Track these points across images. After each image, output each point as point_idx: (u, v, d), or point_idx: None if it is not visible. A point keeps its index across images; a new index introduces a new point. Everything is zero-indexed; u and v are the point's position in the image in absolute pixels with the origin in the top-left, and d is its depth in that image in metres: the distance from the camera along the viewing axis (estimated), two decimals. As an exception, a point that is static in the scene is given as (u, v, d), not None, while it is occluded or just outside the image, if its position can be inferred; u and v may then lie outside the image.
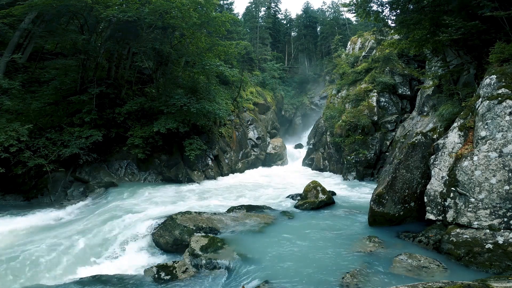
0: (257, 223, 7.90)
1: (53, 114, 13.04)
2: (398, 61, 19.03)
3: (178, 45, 16.68)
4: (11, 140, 10.20)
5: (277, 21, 50.00)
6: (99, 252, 6.95)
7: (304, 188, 10.72)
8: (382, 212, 7.33)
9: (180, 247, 6.96)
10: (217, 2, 16.32)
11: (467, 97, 8.62)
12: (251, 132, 23.77)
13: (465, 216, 5.84)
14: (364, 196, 11.42)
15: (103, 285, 5.30)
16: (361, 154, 16.42)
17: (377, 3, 11.58)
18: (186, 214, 8.00)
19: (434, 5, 9.41)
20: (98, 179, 12.94)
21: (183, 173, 14.83)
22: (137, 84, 17.27)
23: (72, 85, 14.09)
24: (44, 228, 8.80)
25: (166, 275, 5.59)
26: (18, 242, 7.50)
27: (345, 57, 25.46)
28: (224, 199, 11.59)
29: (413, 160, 7.57)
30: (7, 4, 12.93)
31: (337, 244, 6.48)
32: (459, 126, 6.93)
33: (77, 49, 13.72)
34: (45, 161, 11.31)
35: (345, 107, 19.34)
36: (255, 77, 31.64)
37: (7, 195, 11.38)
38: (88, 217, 9.48)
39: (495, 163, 5.69)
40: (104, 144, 13.34)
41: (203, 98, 15.52)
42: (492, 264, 5.14)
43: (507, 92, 6.00)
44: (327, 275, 5.11)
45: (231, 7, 39.14)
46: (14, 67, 13.69)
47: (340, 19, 45.23)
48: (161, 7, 13.44)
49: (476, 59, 9.35)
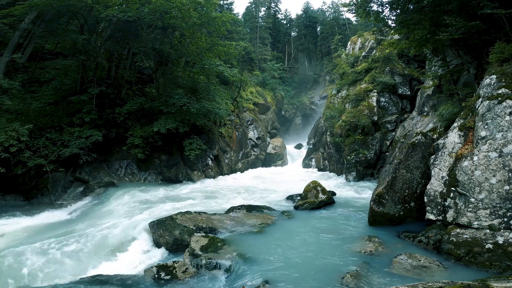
0: (257, 223, 7.90)
1: (53, 114, 13.03)
2: (398, 61, 19.03)
3: (178, 45, 16.68)
4: (11, 140, 10.19)
5: (277, 21, 50.00)
6: (99, 252, 6.93)
7: (304, 188, 10.72)
8: (382, 212, 7.32)
9: (180, 247, 6.96)
10: (217, 2, 16.32)
11: (467, 97, 8.62)
12: (251, 132, 23.77)
13: (465, 216, 5.84)
14: (364, 196, 11.42)
15: (103, 285, 5.29)
16: (361, 154, 16.42)
17: (377, 3, 11.59)
18: (186, 214, 8.00)
19: (434, 5, 9.40)
20: (98, 179, 12.94)
21: (183, 173, 14.83)
22: (137, 84, 17.27)
23: (72, 85, 14.08)
24: (44, 228, 8.81)
25: (166, 275, 5.59)
26: (18, 242, 7.50)
27: (345, 57, 25.46)
28: (224, 199, 11.59)
29: (413, 160, 7.57)
30: (7, 4, 12.92)
31: (337, 244, 6.48)
32: (459, 126, 6.93)
33: (77, 49, 13.71)
34: (45, 161, 11.30)
35: (345, 107, 19.33)
36: (255, 77, 31.64)
37: (7, 195, 11.37)
38: (88, 217, 9.50)
39: (495, 163, 5.69)
40: (104, 144, 13.34)
41: (203, 98, 15.52)
42: (492, 264, 5.14)
43: (507, 92, 5.99)
44: (327, 275, 5.11)
45: (231, 7, 39.15)
46: (14, 67, 13.68)
47: (340, 19, 45.24)
48: (161, 7, 13.44)
49: (476, 59, 9.34)
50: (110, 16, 12.93)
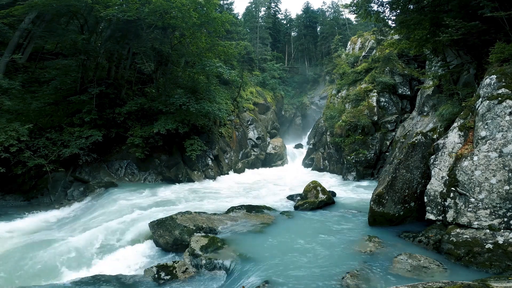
0: (257, 223, 7.90)
1: (53, 114, 13.04)
2: (398, 61, 19.04)
3: (178, 45, 16.68)
4: (11, 140, 10.20)
5: (277, 21, 50.03)
6: (99, 252, 6.94)
7: (304, 188, 10.72)
8: (382, 212, 7.32)
9: (180, 247, 6.95)
10: (217, 2, 16.32)
11: (467, 97, 8.62)
12: (251, 132, 23.77)
13: (465, 216, 5.84)
14: (364, 196, 11.41)
15: (103, 285, 5.29)
16: (361, 154, 16.43)
17: (377, 4, 11.59)
18: (186, 214, 8.00)
19: (434, 5, 9.41)
20: (98, 179, 12.94)
21: (183, 173, 14.83)
22: (137, 84, 17.28)
23: (72, 85, 14.09)
24: (44, 228, 8.81)
25: (166, 275, 5.59)
26: (18, 242, 7.50)
27: (345, 57, 25.47)
28: (224, 199, 11.58)
29: (413, 160, 7.57)
30: (7, 4, 12.94)
31: (337, 244, 6.48)
32: (459, 126, 6.93)
33: (77, 49, 13.71)
34: (45, 161, 11.31)
35: (345, 107, 19.34)
36: (255, 77, 31.64)
37: (7, 195, 11.37)
38: (88, 217, 9.49)
39: (495, 163, 5.69)
40: (104, 144, 13.34)
41: (203, 98, 15.52)
42: (492, 264, 5.13)
43: (507, 92, 5.99)
44: (327, 275, 5.11)
45: (231, 7, 39.17)
46: (14, 67, 13.69)
47: (340, 19, 45.23)
48: (161, 7, 13.44)
49: (476, 59, 9.35)
50: (110, 16, 12.93)
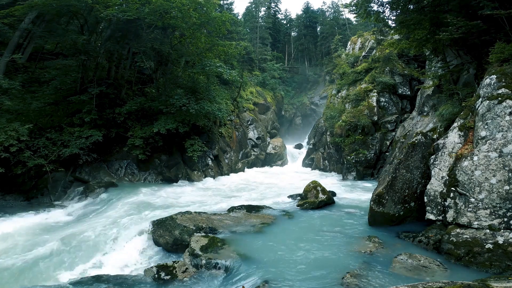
0: (257, 223, 7.90)
1: (53, 114, 13.03)
2: (398, 61, 19.04)
3: (178, 45, 16.68)
4: (11, 140, 10.19)
5: (277, 21, 50.03)
6: (99, 252, 6.93)
7: (304, 188, 10.72)
8: (382, 212, 7.32)
9: (180, 247, 6.95)
10: (217, 2, 16.32)
11: (467, 97, 8.61)
12: (251, 132, 23.77)
13: (465, 216, 5.84)
14: (364, 196, 11.41)
15: (103, 285, 5.29)
16: (361, 154, 16.43)
17: (377, 3, 11.61)
18: (186, 214, 8.00)
19: (434, 5, 9.41)
20: (98, 179, 12.93)
21: (183, 173, 14.83)
22: (137, 84, 17.27)
23: (72, 85, 14.08)
24: (44, 228, 8.79)
25: (166, 275, 5.59)
26: (18, 242, 7.50)
27: (345, 57, 25.47)
28: (224, 199, 11.58)
29: (413, 160, 7.57)
30: (7, 4, 12.93)
31: (337, 244, 6.47)
32: (459, 126, 6.93)
33: (77, 49, 13.70)
34: (45, 161, 11.30)
35: (345, 107, 19.34)
36: (255, 77, 31.64)
37: (7, 195, 11.35)
38: (88, 217, 9.49)
39: (495, 163, 5.69)
40: (104, 144, 13.33)
41: (203, 98, 15.51)
42: (492, 264, 5.13)
43: (507, 92, 5.99)
44: (327, 275, 5.11)
45: (231, 7, 39.17)
46: (14, 67, 13.68)
47: (340, 19, 45.25)
48: (161, 7, 13.44)
49: (476, 59, 9.35)
50: (110, 16, 12.92)
